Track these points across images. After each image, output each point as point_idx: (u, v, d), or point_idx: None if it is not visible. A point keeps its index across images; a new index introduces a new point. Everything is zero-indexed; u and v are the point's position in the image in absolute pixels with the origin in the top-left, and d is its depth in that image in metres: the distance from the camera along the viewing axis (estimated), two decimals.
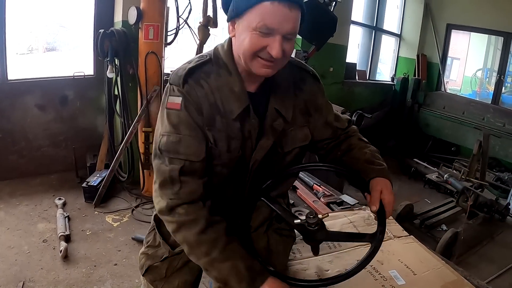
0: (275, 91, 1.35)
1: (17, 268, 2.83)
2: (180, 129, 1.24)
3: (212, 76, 1.28)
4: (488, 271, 3.56)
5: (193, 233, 1.23)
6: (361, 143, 1.53)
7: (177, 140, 1.23)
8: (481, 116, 6.40)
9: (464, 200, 4.40)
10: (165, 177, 1.24)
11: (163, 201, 1.26)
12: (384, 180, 1.36)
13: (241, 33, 1.20)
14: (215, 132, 1.27)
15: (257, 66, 1.22)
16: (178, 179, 1.23)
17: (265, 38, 1.16)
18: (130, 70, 4.03)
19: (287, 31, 1.16)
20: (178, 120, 1.24)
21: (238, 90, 1.28)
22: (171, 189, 1.24)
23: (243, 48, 1.19)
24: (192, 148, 1.24)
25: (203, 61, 1.30)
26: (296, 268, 1.59)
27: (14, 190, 3.98)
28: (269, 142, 1.35)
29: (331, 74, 6.27)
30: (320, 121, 1.49)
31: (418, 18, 7.79)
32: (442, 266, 1.70)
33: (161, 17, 3.83)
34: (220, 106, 1.27)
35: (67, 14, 4.78)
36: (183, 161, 1.23)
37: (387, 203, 1.31)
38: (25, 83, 4.19)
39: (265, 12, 1.12)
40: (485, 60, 8.16)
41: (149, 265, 1.51)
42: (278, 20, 1.13)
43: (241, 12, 1.17)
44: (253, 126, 1.32)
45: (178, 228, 1.25)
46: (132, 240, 3.31)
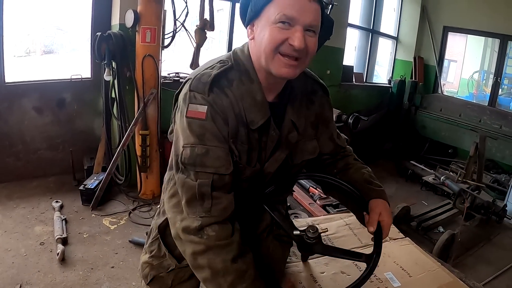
0: (292, 102, 1.33)
1: (14, 271, 2.83)
2: (205, 140, 1.15)
3: (235, 84, 1.22)
4: (485, 272, 3.57)
5: (223, 260, 1.13)
6: (358, 163, 1.53)
7: (204, 152, 1.14)
8: (477, 118, 6.43)
9: (461, 202, 4.42)
10: (193, 192, 1.14)
11: (190, 220, 1.15)
12: (383, 202, 1.37)
13: (260, 32, 1.17)
14: (238, 144, 1.22)
15: (278, 65, 1.16)
16: (209, 195, 1.13)
17: (286, 31, 1.12)
18: (127, 73, 4.03)
19: (308, 22, 1.13)
20: (203, 131, 1.15)
21: (260, 99, 1.23)
22: (201, 206, 1.14)
23: (263, 45, 1.15)
24: (221, 160, 1.15)
25: (227, 67, 1.23)
26: (292, 271, 1.59)
27: (11, 193, 3.97)
28: (283, 155, 1.32)
29: (328, 77, 6.28)
30: (326, 135, 1.49)
31: (414, 21, 7.82)
32: (437, 268, 1.71)
33: (158, 20, 3.84)
34: (244, 117, 1.21)
35: (64, 17, 4.77)
36: (211, 175, 1.14)
37: (385, 225, 1.31)
38: (23, 85, 4.18)
39: (284, 2, 1.11)
40: (481, 62, 8.19)
41: (154, 275, 1.48)
42: (297, 9, 1.11)
43: (260, 10, 1.16)
44: (272, 139, 1.27)
45: (204, 251, 1.14)
46: (129, 243, 3.31)
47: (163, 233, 1.46)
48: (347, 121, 4.53)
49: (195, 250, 1.15)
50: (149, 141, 4.01)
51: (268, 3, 1.13)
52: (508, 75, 7.39)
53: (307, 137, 1.40)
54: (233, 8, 5.20)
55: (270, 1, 1.13)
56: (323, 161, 1.53)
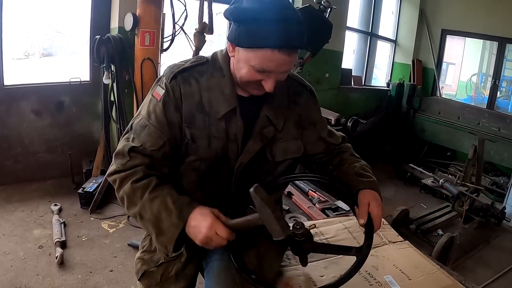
0: (268, 100, 1.40)
1: (13, 274, 2.82)
2: (150, 117, 1.33)
3: (204, 76, 1.35)
4: (484, 275, 3.58)
5: (130, 183, 1.27)
6: (353, 158, 1.56)
7: (144, 125, 1.33)
8: (476, 121, 6.45)
9: (459, 205, 4.42)
10: (121, 148, 1.33)
11: (112, 166, 1.35)
12: (373, 192, 1.37)
13: (239, 61, 1.26)
14: (194, 129, 1.33)
15: (251, 89, 1.32)
16: (127, 154, 1.30)
17: (261, 74, 1.23)
18: (126, 76, 4.04)
19: (283, 71, 1.25)
20: (153, 109, 1.33)
21: (228, 92, 1.34)
22: (121, 159, 1.31)
23: (240, 75, 1.28)
24: (150, 137, 1.31)
25: (200, 62, 1.38)
26: (290, 275, 1.59)
27: (9, 196, 3.96)
28: (256, 147, 1.38)
29: (326, 80, 6.30)
30: (314, 135, 1.53)
31: (413, 24, 7.83)
32: (437, 271, 1.71)
33: (157, 23, 3.84)
34: (205, 105, 1.34)
35: (63, 20, 4.78)
36: (139, 143, 1.31)
37: (375, 216, 1.32)
38: (21, 88, 4.18)
39: (265, 57, 1.19)
40: (480, 65, 8.23)
41: (145, 270, 1.53)
42: (275, 65, 1.20)
43: (243, 47, 1.23)
44: (238, 129, 1.36)
45: (120, 184, 1.31)
46: (128, 246, 3.30)
47: None
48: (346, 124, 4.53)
49: (116, 186, 1.33)
50: None
51: (254, 48, 1.20)
52: (506, 78, 7.42)
53: (290, 136, 1.46)
54: None
55: (252, 49, 1.20)
56: (319, 159, 1.57)
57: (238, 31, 1.22)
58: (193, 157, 1.36)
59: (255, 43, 1.18)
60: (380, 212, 1.33)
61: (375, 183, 1.43)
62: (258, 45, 1.17)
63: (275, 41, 1.16)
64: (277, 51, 1.17)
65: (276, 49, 1.16)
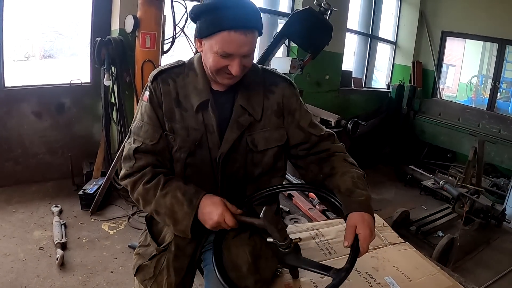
0: (242, 90, 1.50)
1: (13, 275, 2.82)
2: (144, 118, 1.48)
3: (180, 76, 1.50)
4: (484, 276, 3.57)
5: (141, 185, 1.41)
6: (345, 166, 1.50)
7: (140, 126, 1.48)
8: (476, 123, 6.46)
9: (460, 206, 4.42)
10: (127, 152, 1.47)
11: (122, 171, 1.48)
12: (361, 214, 1.32)
13: (206, 52, 1.38)
14: (174, 123, 1.47)
15: (221, 78, 1.41)
16: (133, 156, 1.44)
17: (225, 59, 1.34)
18: (126, 78, 4.05)
19: (244, 53, 1.34)
20: (144, 110, 1.49)
21: (201, 87, 1.47)
22: (129, 162, 1.45)
23: (208, 65, 1.39)
24: (148, 133, 1.45)
25: (176, 64, 1.54)
26: (290, 276, 1.59)
27: (10, 197, 3.97)
28: (234, 136, 1.47)
29: (327, 82, 6.31)
30: (293, 124, 1.56)
31: (413, 26, 7.86)
32: (437, 272, 1.71)
33: (158, 25, 3.85)
34: (182, 101, 1.48)
35: (64, 22, 4.79)
36: (140, 143, 1.45)
37: (362, 239, 1.27)
38: (22, 90, 4.20)
39: (224, 40, 1.30)
40: (480, 66, 8.22)
41: (140, 264, 1.58)
42: (235, 46, 1.31)
43: (204, 37, 1.36)
44: (212, 119, 1.45)
45: (132, 188, 1.44)
46: (129, 248, 3.30)
47: (149, 223, 1.67)
48: (346, 126, 4.52)
49: (130, 190, 1.46)
50: None
51: (211, 35, 1.32)
52: (506, 79, 7.42)
53: (272, 125, 1.53)
54: None
55: (211, 35, 1.32)
56: (303, 155, 1.57)
57: (200, 25, 1.35)
58: (174, 147, 1.48)
59: (214, 29, 1.30)
60: (367, 235, 1.27)
61: (367, 201, 1.38)
62: (216, 30, 1.29)
63: (230, 23, 1.28)
64: (233, 31, 1.28)
65: (232, 30, 1.28)
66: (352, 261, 1.23)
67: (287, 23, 4.23)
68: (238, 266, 1.45)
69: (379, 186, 5.69)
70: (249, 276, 1.44)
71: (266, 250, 1.53)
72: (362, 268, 1.66)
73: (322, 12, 4.23)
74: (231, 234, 1.52)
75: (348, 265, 1.22)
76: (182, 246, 1.54)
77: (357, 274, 1.63)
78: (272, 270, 1.57)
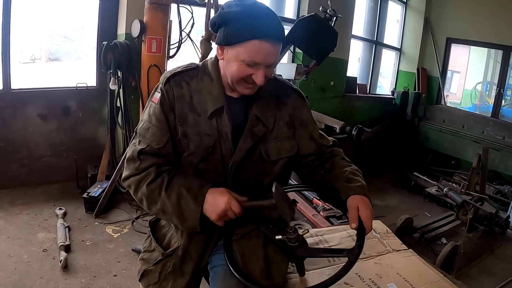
0: (257, 100, 1.50)
1: (17, 277, 2.83)
2: (151, 120, 1.45)
3: (194, 80, 1.48)
4: (488, 284, 3.56)
5: (145, 186, 1.40)
6: (343, 162, 1.61)
7: (147, 127, 1.45)
8: (480, 130, 6.44)
9: (463, 213, 4.41)
10: (131, 153, 1.45)
11: (126, 172, 1.46)
12: (361, 197, 1.42)
13: (229, 60, 1.38)
14: (187, 127, 1.45)
15: (241, 88, 1.42)
16: (138, 158, 1.42)
17: (251, 68, 1.34)
18: (132, 82, 4.07)
19: (270, 63, 1.36)
20: (153, 112, 1.46)
21: (216, 93, 1.47)
22: (133, 164, 1.43)
23: (231, 73, 1.38)
24: (155, 136, 1.43)
25: (190, 67, 1.52)
26: (295, 281, 1.60)
27: (14, 199, 3.99)
28: (247, 145, 1.47)
29: (331, 88, 6.32)
30: (305, 135, 1.60)
31: (418, 32, 7.87)
32: (440, 279, 1.72)
33: (164, 30, 3.88)
34: (196, 106, 1.46)
35: (71, 26, 4.83)
36: (146, 145, 1.43)
37: (365, 218, 1.37)
38: (28, 92, 4.23)
39: (253, 49, 1.31)
40: (485, 73, 8.20)
41: (144, 269, 1.59)
42: (263, 56, 1.32)
43: (230, 44, 1.35)
44: (227, 126, 1.45)
45: (136, 188, 1.43)
46: (132, 252, 3.31)
47: (153, 228, 1.69)
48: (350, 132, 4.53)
49: (132, 191, 1.45)
50: None
51: (240, 43, 1.32)
52: (511, 86, 7.40)
53: (283, 136, 1.55)
54: None
55: (241, 43, 1.32)
56: (311, 162, 1.62)
57: (226, 32, 1.34)
58: (186, 152, 1.47)
59: (244, 37, 1.30)
60: (369, 214, 1.38)
61: (363, 187, 1.47)
62: (247, 38, 1.30)
63: (261, 32, 1.30)
64: (264, 41, 1.30)
65: (263, 39, 1.29)
66: (362, 239, 1.35)
67: (292, 29, 4.24)
68: (251, 270, 1.46)
69: (383, 192, 5.67)
70: (262, 280, 1.45)
71: (277, 256, 1.54)
72: (366, 274, 1.66)
73: (328, 18, 4.24)
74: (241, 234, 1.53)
75: (360, 242, 1.34)
76: (190, 251, 1.54)
77: (361, 281, 1.63)
78: (284, 275, 1.58)
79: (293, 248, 1.39)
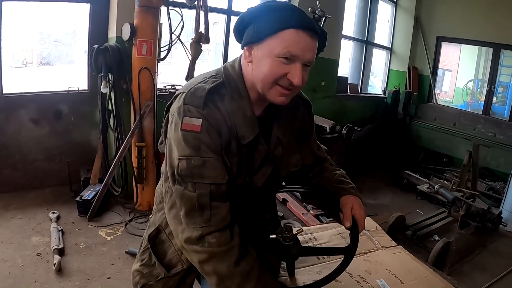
0: (278, 118, 1.38)
1: (11, 281, 2.83)
2: (201, 152, 1.17)
3: (226, 99, 1.25)
4: (481, 280, 3.59)
5: (226, 265, 1.17)
6: (332, 167, 1.63)
7: (201, 163, 1.17)
8: (472, 127, 6.50)
9: (455, 210, 4.45)
10: (192, 204, 1.17)
11: (190, 230, 1.18)
12: (353, 196, 1.44)
13: (260, 59, 1.20)
14: (230, 156, 1.26)
15: (274, 94, 1.22)
16: (208, 206, 1.17)
17: (286, 65, 1.17)
18: (123, 85, 4.07)
19: (308, 60, 1.19)
20: (199, 143, 1.17)
21: (250, 115, 1.27)
22: (201, 216, 1.17)
23: (263, 74, 1.20)
24: (217, 170, 1.19)
25: (219, 82, 1.25)
26: (284, 279, 1.61)
27: (8, 204, 3.97)
28: (269, 170, 1.38)
29: (322, 88, 6.33)
30: (307, 148, 1.57)
31: (408, 32, 7.91)
32: (430, 274, 1.74)
33: (154, 33, 3.88)
34: (235, 131, 1.25)
35: (61, 30, 4.82)
36: (209, 185, 1.17)
37: (358, 217, 1.39)
38: (20, 97, 4.22)
39: (290, 39, 1.14)
40: (476, 71, 8.25)
41: (144, 283, 1.49)
42: (301, 48, 1.16)
43: (263, 38, 1.18)
44: (261, 153, 1.32)
45: (208, 259, 1.18)
46: (126, 254, 3.32)
47: (153, 243, 1.50)
48: (340, 132, 4.56)
49: (200, 259, 1.19)
50: (145, 153, 4.03)
51: (274, 34, 1.16)
52: (502, 83, 7.46)
53: (290, 150, 1.47)
54: (229, 21, 5.28)
55: (275, 33, 1.16)
56: (304, 172, 1.60)
57: (257, 27, 1.19)
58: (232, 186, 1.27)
59: (278, 26, 1.15)
60: (362, 213, 1.39)
61: (355, 189, 1.49)
62: (282, 27, 1.14)
63: (298, 21, 1.15)
64: (301, 30, 1.14)
65: (300, 29, 1.14)
66: (356, 237, 1.36)
67: None
68: None
69: (376, 191, 5.70)
70: None
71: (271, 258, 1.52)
72: (355, 271, 1.68)
73: (317, 19, 4.26)
74: None
75: (354, 241, 1.36)
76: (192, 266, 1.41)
77: (350, 277, 1.65)
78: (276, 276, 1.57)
79: (288, 247, 1.35)
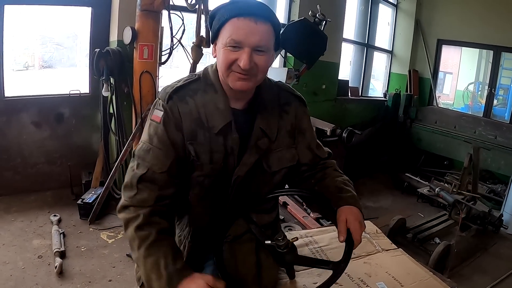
0: (261, 111, 1.45)
1: (12, 283, 2.84)
2: (153, 140, 1.34)
3: (199, 93, 1.39)
4: (481, 282, 3.59)
5: (132, 229, 1.29)
6: (335, 173, 1.60)
7: (148, 149, 1.34)
8: (472, 130, 6.51)
9: (456, 213, 4.45)
10: (129, 179, 1.34)
11: (121, 200, 1.36)
12: (351, 208, 1.40)
13: (218, 52, 1.33)
14: (197, 145, 1.36)
15: (232, 80, 1.32)
16: (135, 185, 1.32)
17: (235, 52, 1.27)
18: (125, 89, 4.08)
19: (254, 43, 1.27)
20: (154, 132, 1.35)
21: (223, 107, 1.38)
22: (129, 191, 1.33)
23: (220, 64, 1.32)
24: (157, 159, 1.32)
25: (192, 79, 1.42)
26: (284, 282, 1.61)
27: (9, 206, 3.99)
28: (252, 159, 1.42)
29: (323, 91, 6.34)
30: (302, 144, 1.58)
31: (409, 35, 7.94)
32: (429, 277, 1.73)
33: (156, 37, 3.89)
34: (204, 121, 1.37)
35: (63, 33, 4.84)
36: (146, 169, 1.32)
37: (353, 231, 1.34)
38: (21, 100, 4.23)
39: (233, 27, 1.26)
40: (476, 73, 8.25)
41: None
42: (244, 33, 1.25)
43: (217, 32, 1.31)
44: (235, 142, 1.39)
45: (125, 225, 1.32)
46: (127, 257, 3.32)
47: None
48: (341, 135, 4.56)
49: (123, 225, 1.34)
50: None
51: (222, 27, 1.29)
52: (502, 86, 7.47)
53: (285, 145, 1.51)
54: None
55: (223, 25, 1.28)
56: (302, 173, 1.61)
57: (213, 25, 1.33)
58: (198, 172, 1.39)
59: (223, 19, 1.27)
60: (357, 226, 1.35)
61: (354, 197, 1.46)
62: (227, 18, 1.26)
63: (238, 10, 1.26)
64: (242, 17, 1.25)
65: (241, 17, 1.25)
66: (349, 253, 1.33)
67: (282, 34, 4.24)
68: (243, 276, 1.47)
69: (377, 194, 5.70)
70: (252, 285, 1.47)
71: (269, 260, 1.54)
72: (355, 273, 1.68)
73: (317, 22, 4.27)
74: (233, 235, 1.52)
75: (346, 256, 1.32)
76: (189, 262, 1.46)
77: (350, 280, 1.65)
78: (275, 278, 1.59)
79: (282, 255, 1.38)
